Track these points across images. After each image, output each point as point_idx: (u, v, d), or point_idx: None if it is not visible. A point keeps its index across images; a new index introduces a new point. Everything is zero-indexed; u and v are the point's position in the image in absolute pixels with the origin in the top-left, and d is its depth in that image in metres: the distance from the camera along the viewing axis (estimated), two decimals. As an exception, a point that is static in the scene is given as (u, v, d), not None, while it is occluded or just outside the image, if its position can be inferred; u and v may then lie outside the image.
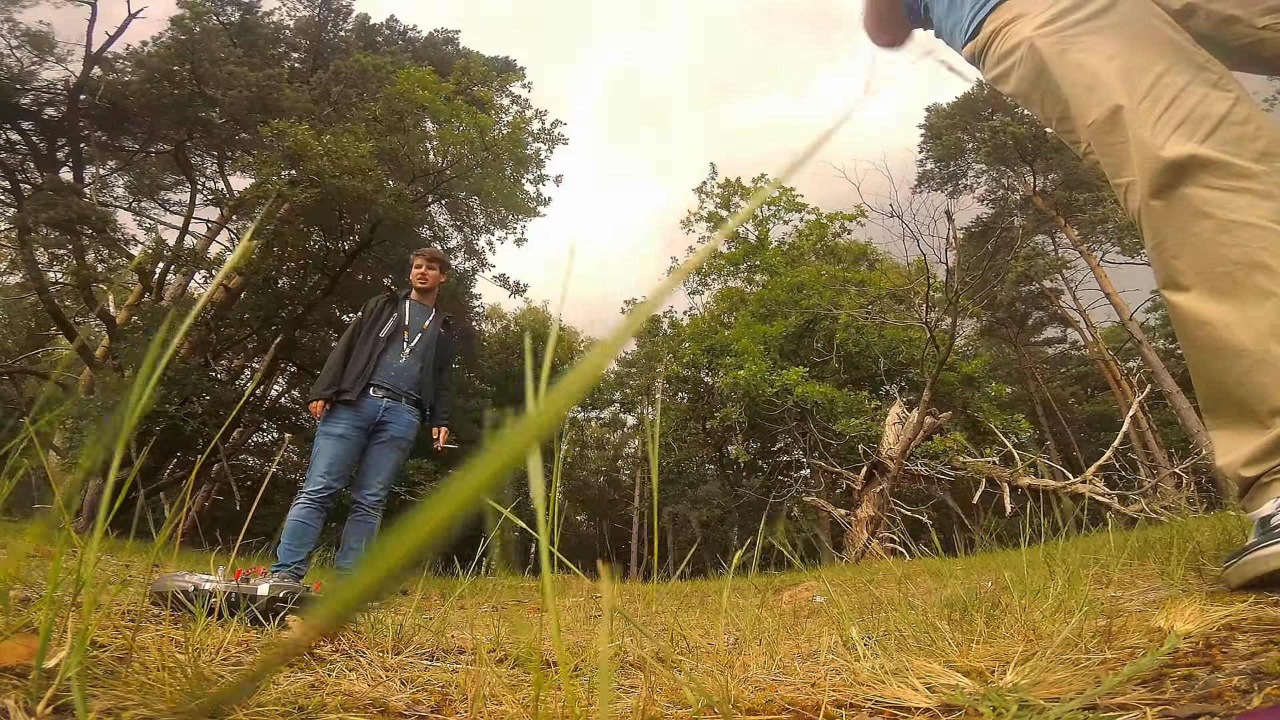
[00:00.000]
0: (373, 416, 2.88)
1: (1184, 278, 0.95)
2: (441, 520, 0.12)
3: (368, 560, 0.12)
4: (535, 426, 0.13)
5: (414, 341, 3.07)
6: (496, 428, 0.15)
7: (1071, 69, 1.11)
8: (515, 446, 0.13)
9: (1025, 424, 13.03)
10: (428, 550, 0.12)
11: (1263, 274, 0.87)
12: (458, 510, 0.12)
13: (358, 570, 0.13)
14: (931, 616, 0.96)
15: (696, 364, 17.46)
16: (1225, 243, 0.90)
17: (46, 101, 11.61)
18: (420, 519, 0.12)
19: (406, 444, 2.96)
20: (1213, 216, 0.91)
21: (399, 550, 0.12)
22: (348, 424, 2.82)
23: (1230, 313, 0.89)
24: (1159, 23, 1.08)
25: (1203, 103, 0.97)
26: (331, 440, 2.79)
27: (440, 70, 14.84)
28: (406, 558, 0.12)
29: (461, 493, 0.12)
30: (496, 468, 0.12)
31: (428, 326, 3.15)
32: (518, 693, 0.71)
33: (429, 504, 0.12)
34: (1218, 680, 0.54)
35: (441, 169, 14.08)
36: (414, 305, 3.19)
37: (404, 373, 3.00)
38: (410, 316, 3.14)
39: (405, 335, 3.07)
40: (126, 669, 0.61)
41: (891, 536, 6.70)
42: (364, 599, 0.12)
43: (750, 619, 1.15)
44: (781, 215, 22.09)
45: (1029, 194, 20.72)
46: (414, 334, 3.10)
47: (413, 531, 0.12)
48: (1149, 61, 1.03)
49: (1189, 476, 7.21)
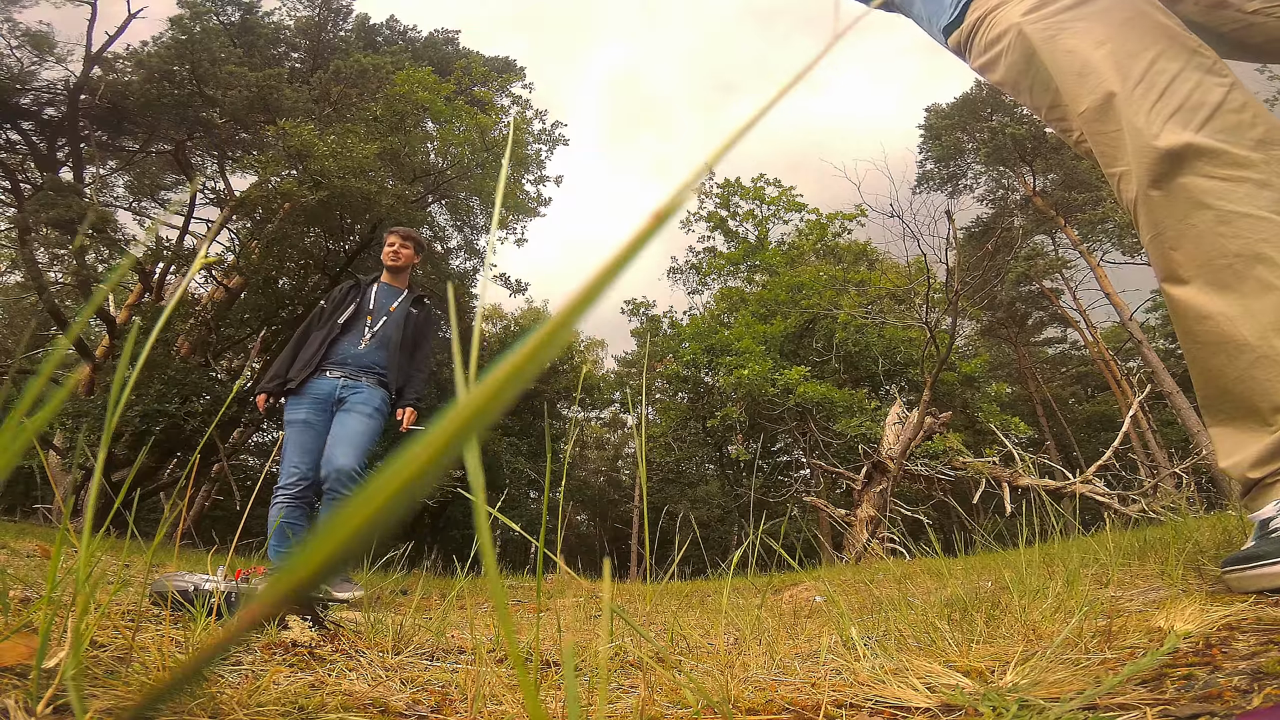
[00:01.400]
0: (331, 393, 2.67)
1: (1183, 270, 0.93)
2: (373, 511, 0.11)
3: (299, 550, 0.12)
4: (470, 408, 0.12)
5: (377, 326, 2.85)
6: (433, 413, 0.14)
7: (1061, 55, 1.08)
8: (448, 432, 0.12)
9: (1023, 426, 13.02)
10: (361, 542, 0.11)
11: (1264, 266, 0.85)
12: (389, 501, 0.11)
13: (289, 560, 0.12)
14: (931, 616, 0.96)
15: (696, 364, 17.46)
16: (1225, 234, 0.88)
17: (46, 101, 11.62)
18: (352, 509, 0.11)
19: (373, 411, 2.68)
20: (1211, 207, 0.89)
21: (330, 541, 0.11)
22: (308, 408, 2.63)
23: (1231, 306, 0.87)
24: (1149, 7, 1.06)
25: (1197, 89, 0.95)
26: (295, 428, 2.61)
27: (440, 70, 14.87)
28: (339, 549, 0.11)
29: (391, 483, 0.11)
30: (429, 456, 0.11)
31: (395, 309, 2.93)
32: (518, 693, 0.71)
33: (361, 494, 0.11)
34: (1218, 680, 0.54)
35: (442, 169, 14.09)
36: (382, 288, 2.99)
37: (364, 358, 2.78)
38: (375, 300, 2.93)
39: (368, 321, 2.86)
40: (126, 669, 0.61)
41: (891, 536, 6.70)
42: (297, 590, 0.12)
43: (750, 619, 1.15)
44: (781, 215, 22.09)
45: (1029, 194, 20.72)
46: (378, 318, 2.88)
47: (344, 521, 0.11)
48: (1141, 47, 1.01)
49: (1189, 476, 7.21)
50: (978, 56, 1.26)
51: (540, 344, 0.12)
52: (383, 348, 2.83)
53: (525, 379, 0.12)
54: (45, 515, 9.28)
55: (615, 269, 0.13)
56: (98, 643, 0.70)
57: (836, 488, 15.46)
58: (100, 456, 0.43)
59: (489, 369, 0.12)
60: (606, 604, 0.38)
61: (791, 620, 1.55)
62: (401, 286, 3.04)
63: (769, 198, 22.02)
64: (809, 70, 0.16)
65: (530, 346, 0.12)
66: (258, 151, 11.81)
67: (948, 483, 8.90)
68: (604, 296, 0.13)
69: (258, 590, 0.12)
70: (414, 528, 16.89)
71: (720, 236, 22.65)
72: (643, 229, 0.13)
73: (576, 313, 0.12)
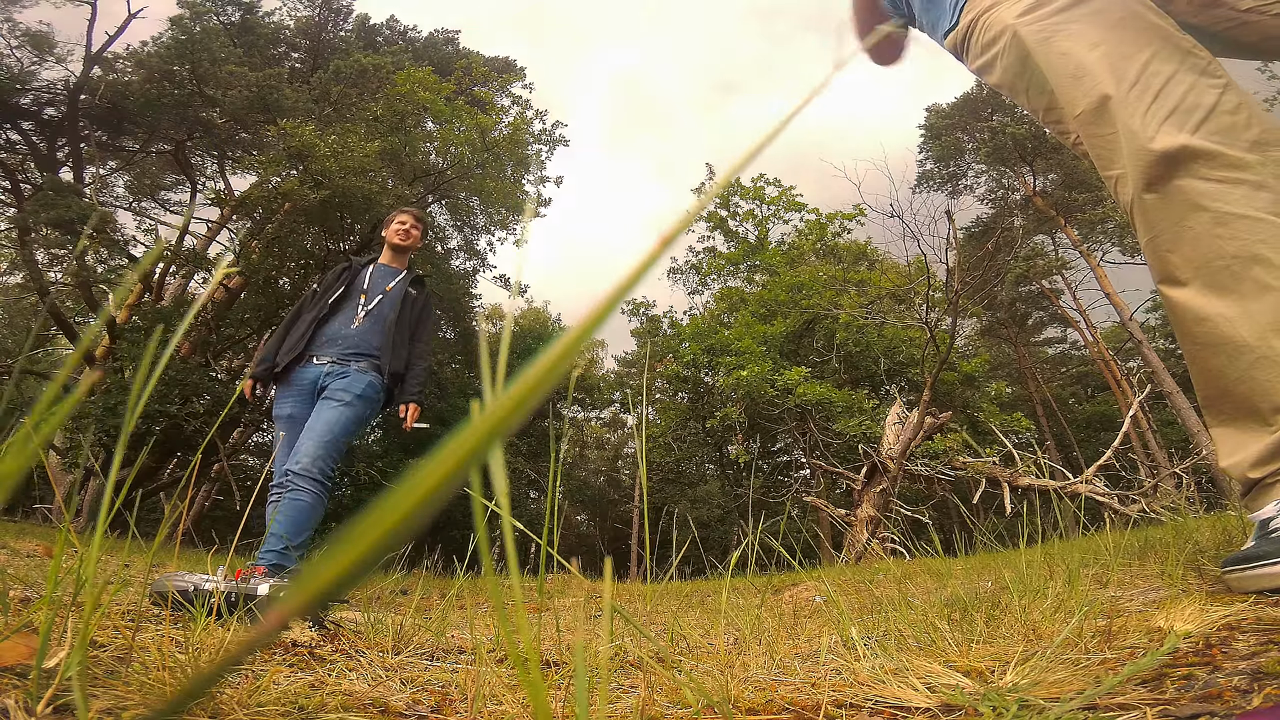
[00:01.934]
0: (315, 381, 2.46)
1: (1181, 272, 0.93)
2: (395, 521, 0.11)
3: (324, 553, 0.12)
4: (497, 416, 0.12)
5: (371, 304, 2.63)
6: (459, 419, 0.14)
7: (1056, 58, 1.08)
8: (476, 438, 0.12)
9: (1025, 422, 13.02)
10: (382, 551, 0.11)
11: (1261, 267, 0.85)
12: (412, 511, 0.11)
13: (309, 565, 0.12)
14: (931, 616, 0.96)
15: (697, 364, 17.47)
16: (1222, 236, 0.88)
17: (46, 101, 11.62)
18: (375, 518, 0.11)
19: (353, 398, 2.41)
20: (1208, 209, 0.89)
21: (352, 550, 0.11)
22: (294, 402, 2.45)
23: (1230, 308, 0.87)
24: (1142, 8, 1.05)
25: (1192, 91, 0.95)
26: (281, 424, 2.45)
27: (440, 70, 14.87)
28: (362, 557, 0.11)
29: (413, 493, 0.11)
30: (456, 461, 0.12)
31: (391, 288, 2.71)
32: (518, 693, 0.71)
33: (385, 501, 0.12)
34: (1218, 680, 0.54)
35: (442, 169, 14.09)
36: (379, 268, 2.78)
37: (355, 339, 2.55)
38: (370, 280, 2.71)
39: (362, 300, 2.64)
40: (126, 669, 0.61)
41: (891, 536, 6.70)
42: (318, 598, 0.12)
43: (750, 619, 1.15)
44: (781, 215, 22.10)
45: (1029, 194, 20.72)
46: (373, 297, 2.67)
47: (366, 531, 0.11)
48: (1135, 49, 1.00)
49: (1189, 476, 7.20)
50: (975, 58, 1.26)
51: (558, 358, 0.13)
52: (377, 327, 2.61)
53: (544, 391, 0.12)
54: (45, 515, 9.28)
55: (624, 290, 0.13)
56: (98, 643, 0.70)
57: (836, 488, 15.46)
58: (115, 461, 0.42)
59: (512, 372, 0.13)
60: (608, 603, 0.38)
61: (791, 620, 1.55)
62: (401, 267, 2.84)
63: (769, 197, 22.03)
64: (818, 93, 0.17)
65: (548, 361, 0.13)
66: (258, 151, 11.81)
67: (948, 482, 8.90)
68: (614, 315, 0.14)
69: (282, 597, 0.12)
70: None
71: (720, 236, 22.65)
72: (650, 252, 0.14)
73: (591, 329, 0.13)
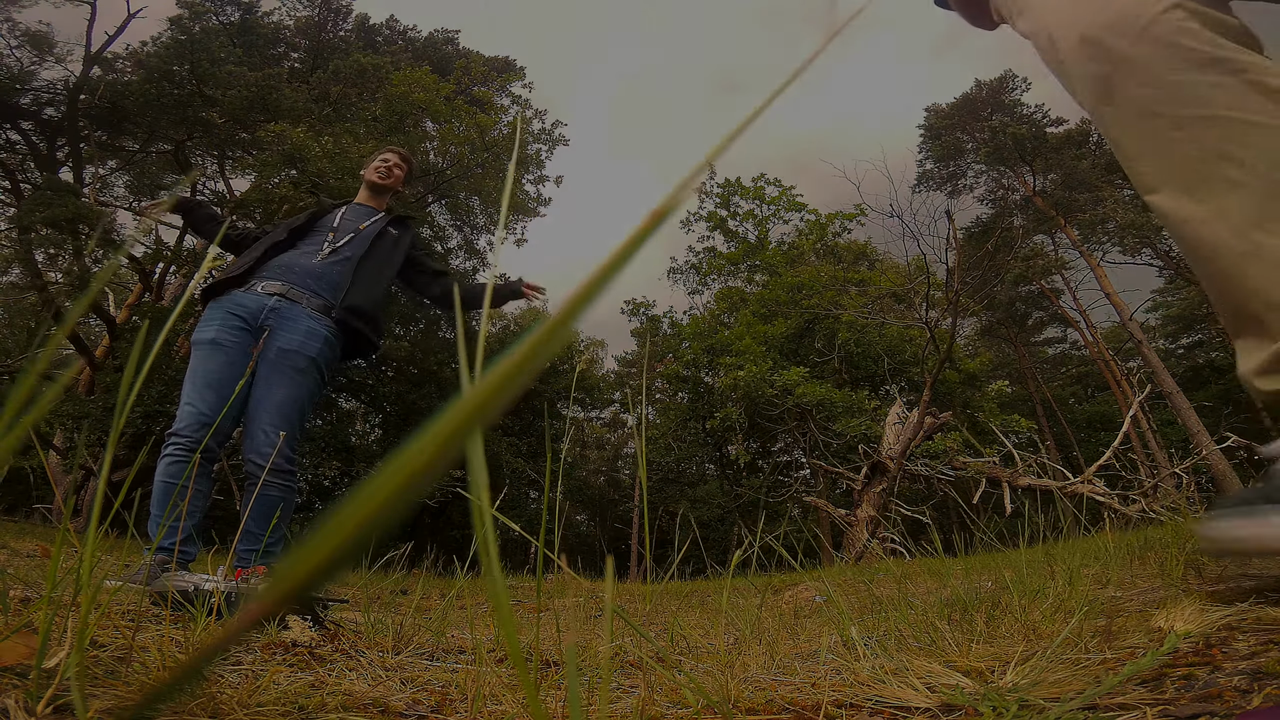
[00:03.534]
0: (256, 314, 2.01)
1: (1150, 179, 0.91)
2: (375, 509, 0.11)
3: (294, 552, 0.11)
4: (472, 404, 0.11)
5: (340, 242, 2.23)
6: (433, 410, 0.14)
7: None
8: (449, 428, 0.11)
9: (1025, 422, 13.04)
10: (362, 541, 0.11)
11: (1228, 164, 0.83)
12: (391, 498, 0.11)
13: (283, 561, 0.11)
14: (931, 616, 0.96)
15: (697, 364, 17.48)
16: (1181, 139, 0.86)
17: (46, 101, 11.63)
18: (352, 508, 0.11)
19: (307, 362, 2.01)
20: (1163, 115, 0.87)
21: (330, 540, 0.11)
22: (220, 325, 1.96)
23: (1203, 209, 0.85)
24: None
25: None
26: (201, 352, 1.94)
27: (440, 70, 14.88)
28: (339, 549, 0.11)
29: (393, 480, 0.11)
30: (435, 448, 0.11)
31: (365, 227, 2.31)
32: (518, 692, 0.71)
33: (362, 491, 0.11)
34: (1218, 680, 0.54)
35: (442, 169, 14.09)
36: (354, 208, 2.39)
37: (313, 275, 2.13)
38: (341, 219, 2.31)
39: (330, 237, 2.24)
40: (126, 669, 0.61)
41: (891, 536, 6.70)
42: (297, 591, 0.11)
43: (750, 619, 1.15)
44: (781, 215, 22.12)
45: (1029, 194, 20.73)
46: (342, 235, 2.26)
47: (344, 520, 0.11)
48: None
49: (1189, 476, 7.21)
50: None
51: (541, 341, 0.12)
52: (341, 267, 2.19)
53: (527, 376, 0.12)
54: (45, 515, 9.28)
55: (615, 267, 0.13)
56: (98, 642, 0.70)
57: (836, 488, 15.47)
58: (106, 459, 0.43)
59: (492, 364, 0.12)
60: (609, 604, 0.38)
61: (791, 620, 1.55)
62: (379, 208, 2.46)
63: (769, 197, 22.05)
64: (808, 65, 0.16)
65: (531, 344, 0.12)
66: (257, 151, 11.81)
67: (948, 482, 8.90)
68: (604, 294, 0.13)
69: (258, 590, 0.12)
70: (414, 528, 16.89)
71: (720, 236, 22.67)
72: (641, 227, 0.13)
73: (577, 310, 0.12)
